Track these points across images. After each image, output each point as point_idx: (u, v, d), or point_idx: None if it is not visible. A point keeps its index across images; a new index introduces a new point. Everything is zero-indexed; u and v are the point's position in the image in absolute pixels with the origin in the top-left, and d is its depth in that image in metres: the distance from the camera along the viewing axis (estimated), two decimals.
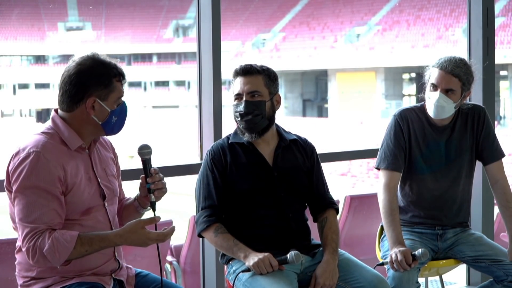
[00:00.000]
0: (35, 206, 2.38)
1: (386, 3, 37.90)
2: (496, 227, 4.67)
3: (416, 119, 3.35)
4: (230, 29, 39.21)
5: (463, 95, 3.27)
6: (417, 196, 3.38)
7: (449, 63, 3.22)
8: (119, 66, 2.57)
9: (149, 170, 2.63)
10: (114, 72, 2.54)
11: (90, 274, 2.54)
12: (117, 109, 2.56)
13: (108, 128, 2.57)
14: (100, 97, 2.51)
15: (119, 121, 2.59)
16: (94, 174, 2.59)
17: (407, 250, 3.09)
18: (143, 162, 2.64)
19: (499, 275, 3.25)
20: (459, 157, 3.37)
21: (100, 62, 2.53)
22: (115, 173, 2.73)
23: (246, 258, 2.87)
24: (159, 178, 2.64)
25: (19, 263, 2.55)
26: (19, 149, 2.45)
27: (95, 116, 2.53)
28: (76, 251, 2.41)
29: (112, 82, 2.53)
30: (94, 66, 2.52)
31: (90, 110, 2.52)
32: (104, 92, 2.52)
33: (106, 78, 2.52)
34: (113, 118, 2.56)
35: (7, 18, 39.75)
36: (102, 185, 2.60)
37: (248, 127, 3.01)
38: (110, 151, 2.74)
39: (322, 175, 3.18)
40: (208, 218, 2.98)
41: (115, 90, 2.54)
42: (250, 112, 2.98)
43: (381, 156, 3.35)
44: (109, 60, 2.56)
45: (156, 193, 2.63)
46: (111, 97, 2.54)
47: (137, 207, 2.74)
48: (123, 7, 42.40)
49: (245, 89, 3.00)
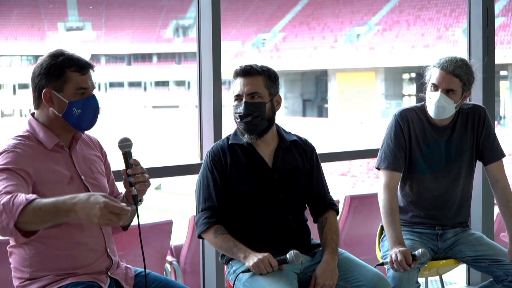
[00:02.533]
0: (5, 180, 2.34)
1: (386, 3, 37.91)
2: (496, 227, 4.67)
3: (416, 119, 3.35)
4: (230, 29, 39.21)
5: (464, 95, 3.27)
6: (417, 196, 3.39)
7: (450, 64, 3.22)
8: (76, 57, 2.54)
9: (129, 161, 2.58)
10: (69, 63, 2.52)
11: (84, 272, 2.53)
12: (78, 101, 2.53)
13: (72, 121, 2.54)
14: (55, 89, 2.52)
15: (85, 115, 2.55)
16: (77, 171, 2.58)
17: (407, 250, 3.09)
18: (124, 155, 2.59)
19: (499, 275, 3.25)
20: (459, 157, 3.37)
21: (54, 55, 2.54)
22: (103, 171, 2.72)
23: (246, 259, 2.87)
24: (140, 170, 2.57)
25: (12, 265, 2.56)
26: None
27: (54, 109, 2.53)
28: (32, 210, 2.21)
29: (64, 72, 2.52)
30: (47, 60, 2.54)
31: (49, 103, 2.52)
32: (58, 83, 2.51)
33: (56, 68, 2.51)
34: (74, 110, 2.53)
35: (7, 18, 39.76)
36: (86, 182, 2.59)
37: (247, 128, 3.00)
38: (96, 149, 2.74)
39: (322, 176, 3.18)
40: (208, 220, 2.98)
41: (69, 80, 2.52)
42: (249, 113, 2.98)
43: (381, 156, 3.36)
44: (67, 53, 2.56)
45: (138, 186, 2.57)
46: (67, 88, 2.52)
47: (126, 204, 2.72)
48: (123, 7, 42.40)
49: (245, 90, 2.99)
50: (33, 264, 2.49)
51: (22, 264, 2.50)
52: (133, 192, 2.58)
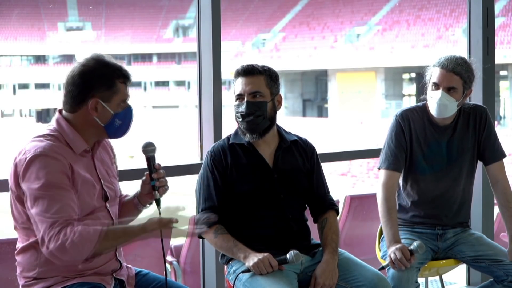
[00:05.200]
0: (53, 201, 2.36)
1: (386, 3, 37.92)
2: (496, 227, 4.67)
3: (417, 119, 3.36)
4: (230, 29, 39.22)
5: (465, 93, 3.28)
6: (418, 195, 3.39)
7: (449, 62, 3.23)
8: (124, 68, 2.55)
9: (154, 165, 2.63)
10: (118, 73, 2.52)
11: (91, 273, 2.54)
12: (121, 113, 2.54)
13: (111, 131, 2.55)
14: (103, 99, 2.49)
15: (123, 126, 2.56)
16: (98, 176, 2.58)
17: (404, 247, 3.10)
18: (148, 160, 2.64)
19: (499, 275, 3.25)
20: (461, 157, 3.37)
21: (104, 63, 2.51)
22: (116, 174, 2.72)
23: (246, 259, 2.87)
24: (163, 174, 2.64)
25: (20, 263, 2.54)
26: (25, 151, 2.43)
27: (97, 118, 2.51)
28: (101, 246, 2.41)
29: (115, 84, 2.51)
30: (97, 67, 2.50)
31: (93, 111, 2.50)
32: (107, 93, 2.50)
33: (109, 79, 2.50)
34: (116, 121, 2.53)
35: (7, 18, 39.77)
36: (105, 187, 2.59)
37: (249, 128, 3.00)
38: (110, 151, 2.73)
39: (323, 176, 3.18)
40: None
41: (118, 92, 2.52)
42: (251, 112, 2.98)
43: (383, 156, 3.36)
44: (114, 62, 2.54)
45: (161, 190, 2.63)
46: (114, 99, 2.51)
47: (137, 204, 2.73)
48: (123, 7, 42.42)
49: (247, 89, 2.99)
50: (43, 265, 2.48)
51: (31, 263, 2.49)
52: (156, 196, 2.63)
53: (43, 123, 36.20)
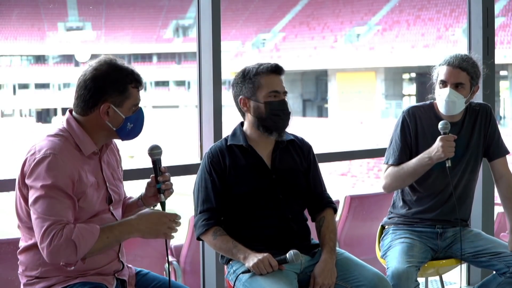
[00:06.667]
0: (55, 203, 2.37)
1: (386, 3, 37.90)
2: (496, 227, 4.67)
3: (425, 116, 3.38)
4: (230, 29, 39.21)
5: (472, 89, 3.31)
6: (423, 190, 3.39)
7: (455, 59, 3.27)
8: (136, 72, 2.54)
9: (159, 168, 2.63)
10: (130, 78, 2.51)
11: (93, 273, 2.54)
12: (132, 116, 2.54)
13: (123, 134, 2.55)
14: (115, 104, 2.49)
15: (135, 128, 2.57)
16: (103, 178, 2.58)
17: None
18: (153, 163, 2.64)
19: (500, 267, 3.24)
20: (466, 154, 3.39)
21: (116, 68, 2.50)
22: (121, 177, 2.72)
23: (245, 259, 2.87)
24: (169, 177, 2.65)
25: (22, 262, 2.54)
26: (35, 150, 2.43)
27: (109, 122, 2.51)
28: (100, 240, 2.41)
29: (127, 89, 2.51)
30: (110, 72, 2.49)
31: (104, 115, 2.50)
32: (119, 98, 2.50)
33: (121, 84, 2.49)
34: (128, 124, 2.54)
35: (7, 18, 39.75)
36: (110, 190, 2.59)
37: (285, 125, 3.03)
38: (116, 153, 2.73)
39: (319, 174, 3.18)
40: (207, 222, 2.97)
41: (130, 97, 2.52)
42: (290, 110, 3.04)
43: (389, 152, 3.40)
44: (126, 66, 2.53)
45: (166, 193, 2.64)
46: (126, 104, 2.51)
47: (141, 206, 2.73)
48: (123, 7, 42.39)
49: (283, 88, 3.04)
50: (46, 264, 2.48)
51: (34, 263, 2.50)
52: (162, 198, 2.64)
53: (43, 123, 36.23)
